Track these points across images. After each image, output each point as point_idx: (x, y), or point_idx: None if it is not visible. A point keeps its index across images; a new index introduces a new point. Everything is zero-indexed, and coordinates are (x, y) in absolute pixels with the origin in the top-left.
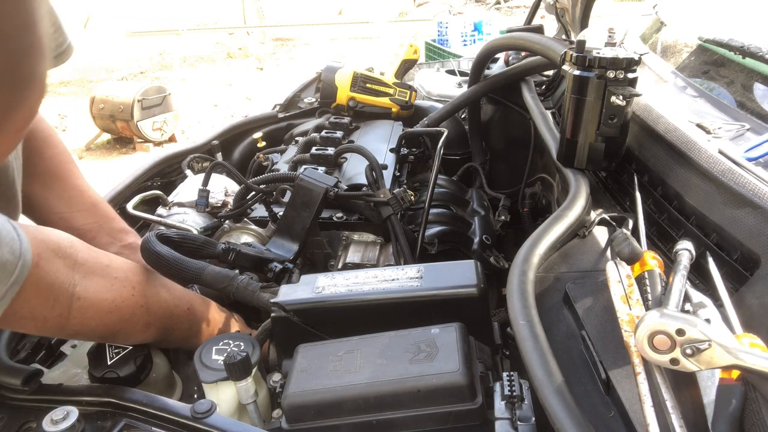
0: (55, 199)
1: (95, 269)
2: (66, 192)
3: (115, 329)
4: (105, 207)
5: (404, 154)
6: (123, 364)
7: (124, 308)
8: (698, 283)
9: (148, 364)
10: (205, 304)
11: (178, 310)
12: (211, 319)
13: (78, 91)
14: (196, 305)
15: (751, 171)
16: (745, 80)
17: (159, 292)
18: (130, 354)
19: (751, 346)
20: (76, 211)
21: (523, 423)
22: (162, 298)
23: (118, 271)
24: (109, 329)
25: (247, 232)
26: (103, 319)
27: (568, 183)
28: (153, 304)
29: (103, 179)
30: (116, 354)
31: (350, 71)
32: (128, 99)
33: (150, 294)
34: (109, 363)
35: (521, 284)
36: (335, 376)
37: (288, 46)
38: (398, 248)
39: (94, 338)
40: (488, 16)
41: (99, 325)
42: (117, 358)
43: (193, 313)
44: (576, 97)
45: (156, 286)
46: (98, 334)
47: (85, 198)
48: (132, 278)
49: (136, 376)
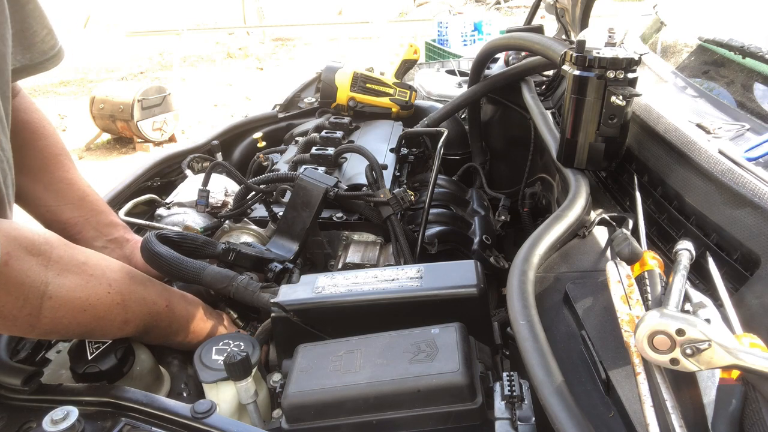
0: (42, 191)
1: (70, 267)
2: (54, 185)
3: (90, 327)
4: (94, 200)
5: (404, 154)
6: (103, 357)
7: (99, 306)
8: (698, 283)
9: (129, 357)
10: (186, 301)
11: (157, 308)
12: (193, 317)
13: (78, 91)
14: (176, 303)
15: (751, 171)
16: (745, 80)
17: (137, 290)
18: (110, 347)
19: (751, 346)
20: (63, 204)
21: (523, 423)
22: (140, 296)
23: (95, 268)
24: (83, 327)
25: (247, 232)
26: (76, 317)
27: (568, 183)
28: (131, 301)
29: (103, 179)
30: (96, 349)
31: (350, 71)
32: (128, 99)
33: (127, 291)
34: (90, 358)
35: (521, 284)
36: (335, 376)
37: (288, 46)
38: (398, 248)
39: (68, 336)
40: (488, 16)
41: (72, 323)
42: (97, 352)
43: (172, 311)
44: (576, 97)
45: (134, 284)
46: (72, 332)
47: (73, 190)
48: (109, 275)
49: (118, 369)
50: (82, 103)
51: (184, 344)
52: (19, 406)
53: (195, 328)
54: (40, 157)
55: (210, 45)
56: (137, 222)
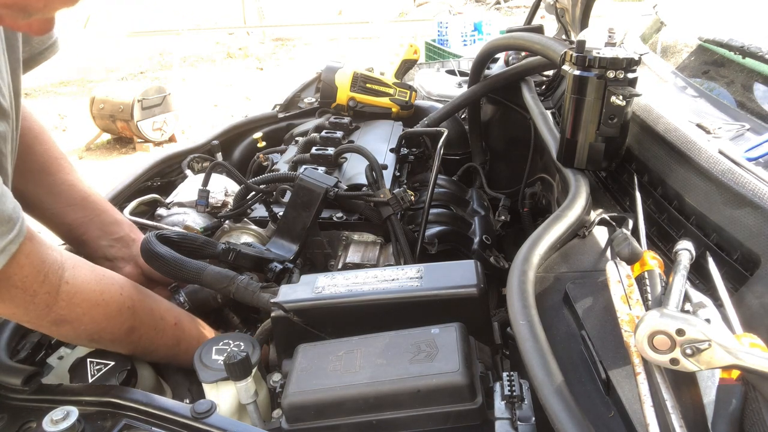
0: (45, 195)
1: (82, 264)
2: (56, 187)
3: (101, 325)
4: (96, 200)
5: (404, 154)
6: (104, 381)
7: (112, 304)
8: (698, 283)
9: (131, 379)
10: (194, 322)
11: (165, 323)
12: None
13: (78, 91)
14: (185, 322)
15: (751, 171)
16: (745, 80)
17: (146, 300)
18: (112, 370)
19: (751, 346)
20: (66, 206)
21: (523, 423)
22: (149, 306)
23: (105, 271)
24: (95, 323)
25: (247, 232)
26: (90, 311)
27: (568, 183)
28: (140, 309)
29: (103, 179)
30: (98, 370)
31: (350, 71)
32: (128, 99)
33: (138, 298)
34: (90, 381)
35: (521, 284)
36: (335, 376)
37: (288, 46)
38: (398, 248)
39: (79, 332)
40: (488, 16)
41: (86, 314)
42: (98, 375)
43: (181, 329)
44: (576, 97)
45: (143, 294)
46: (85, 326)
47: (74, 192)
48: (119, 280)
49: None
50: (82, 103)
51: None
52: (19, 406)
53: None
54: (42, 161)
55: (210, 45)
56: (141, 222)
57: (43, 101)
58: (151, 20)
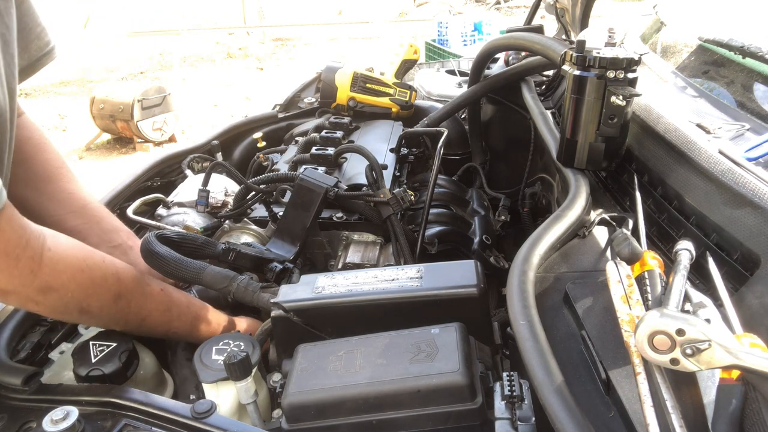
0: (47, 201)
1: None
2: (57, 194)
3: (88, 291)
4: (95, 208)
5: (404, 154)
6: (107, 360)
7: (95, 269)
8: (698, 283)
9: (134, 361)
10: (179, 291)
11: (151, 289)
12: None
13: (78, 91)
14: (171, 289)
15: (751, 171)
16: (745, 80)
17: (129, 267)
18: (114, 351)
19: (751, 346)
20: (66, 213)
21: (523, 423)
22: (132, 272)
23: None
24: (81, 289)
25: (247, 232)
26: (75, 276)
27: (568, 183)
28: (124, 275)
29: (103, 179)
30: (100, 351)
31: (350, 71)
32: (128, 99)
33: (121, 266)
34: (93, 361)
35: (521, 284)
36: (335, 376)
37: (288, 46)
38: (398, 248)
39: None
40: (488, 16)
41: (71, 281)
42: (101, 355)
43: (169, 295)
44: (576, 97)
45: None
46: (71, 293)
47: (74, 199)
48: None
49: (122, 373)
50: (82, 103)
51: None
52: (19, 406)
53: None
54: (43, 169)
55: (210, 45)
56: (142, 221)
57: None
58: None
